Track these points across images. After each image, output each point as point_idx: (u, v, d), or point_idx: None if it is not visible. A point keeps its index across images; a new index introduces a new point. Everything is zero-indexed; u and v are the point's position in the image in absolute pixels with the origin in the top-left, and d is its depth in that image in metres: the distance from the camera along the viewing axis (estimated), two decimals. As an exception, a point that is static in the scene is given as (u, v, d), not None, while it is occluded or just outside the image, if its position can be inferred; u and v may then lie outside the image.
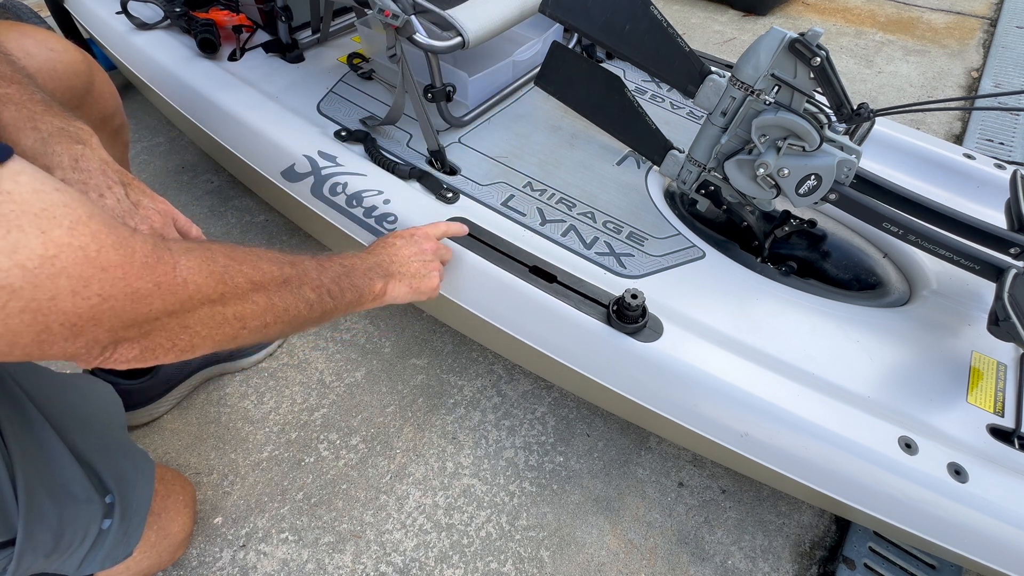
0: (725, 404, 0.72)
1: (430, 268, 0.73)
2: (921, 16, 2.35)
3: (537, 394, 1.08)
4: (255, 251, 0.52)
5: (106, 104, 0.79)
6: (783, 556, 0.90)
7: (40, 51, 0.69)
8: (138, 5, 1.25)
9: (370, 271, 0.67)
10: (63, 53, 0.71)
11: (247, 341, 0.51)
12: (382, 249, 0.72)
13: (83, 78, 0.74)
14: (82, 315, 0.38)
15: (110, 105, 0.81)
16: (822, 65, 0.70)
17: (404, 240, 0.73)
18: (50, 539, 0.57)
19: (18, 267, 0.34)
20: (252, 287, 0.50)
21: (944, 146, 1.11)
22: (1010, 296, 0.73)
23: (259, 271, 0.51)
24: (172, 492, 0.80)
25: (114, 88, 0.82)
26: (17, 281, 0.34)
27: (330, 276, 0.60)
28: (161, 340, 0.44)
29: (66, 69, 0.71)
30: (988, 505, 0.63)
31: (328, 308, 0.59)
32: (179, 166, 1.49)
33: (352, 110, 1.12)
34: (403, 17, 0.87)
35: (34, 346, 0.37)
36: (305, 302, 0.55)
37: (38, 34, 0.70)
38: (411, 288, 0.71)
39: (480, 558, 0.88)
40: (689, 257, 0.90)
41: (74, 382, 0.69)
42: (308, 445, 1.00)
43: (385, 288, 0.68)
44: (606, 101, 0.91)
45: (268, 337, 0.53)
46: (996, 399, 0.76)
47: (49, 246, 0.35)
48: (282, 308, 0.53)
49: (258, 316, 0.50)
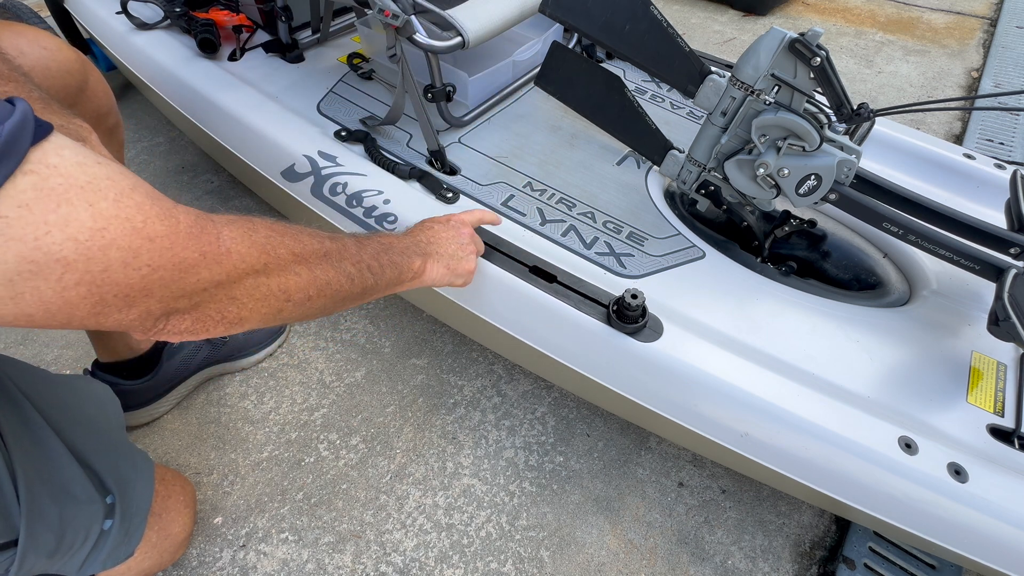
0: (725, 404, 0.72)
1: (467, 251, 0.73)
2: (921, 16, 2.35)
3: (537, 394, 1.08)
4: (295, 225, 0.53)
5: (100, 102, 0.79)
6: (783, 556, 0.90)
7: (33, 49, 0.68)
8: (138, 5, 1.25)
9: (408, 249, 0.66)
10: (56, 52, 0.71)
11: (292, 316, 0.51)
12: (420, 231, 0.72)
13: (77, 76, 0.73)
14: (134, 286, 0.38)
15: (104, 104, 0.81)
16: (822, 65, 0.70)
17: (441, 224, 0.74)
18: (52, 539, 0.57)
19: (71, 240, 0.34)
20: (294, 259, 0.50)
21: (944, 146, 1.11)
22: (1010, 296, 0.73)
23: (300, 243, 0.51)
24: (173, 492, 0.80)
25: (108, 87, 0.81)
26: (71, 254, 0.34)
27: (370, 252, 0.60)
28: (211, 311, 0.45)
29: (59, 67, 0.71)
30: (988, 505, 0.63)
31: (369, 284, 0.59)
32: (179, 166, 1.49)
33: (352, 110, 1.12)
34: (403, 17, 0.87)
35: (90, 317, 0.38)
36: (347, 276, 0.56)
37: (30, 32, 0.70)
38: (448, 269, 0.70)
39: (480, 558, 0.88)
40: (689, 257, 0.90)
41: (72, 384, 0.69)
42: (308, 445, 1.00)
43: (424, 267, 0.67)
44: (606, 101, 0.91)
45: (311, 313, 0.53)
46: (996, 399, 0.76)
47: (98, 218, 0.35)
48: (324, 281, 0.53)
49: (301, 288, 0.51)
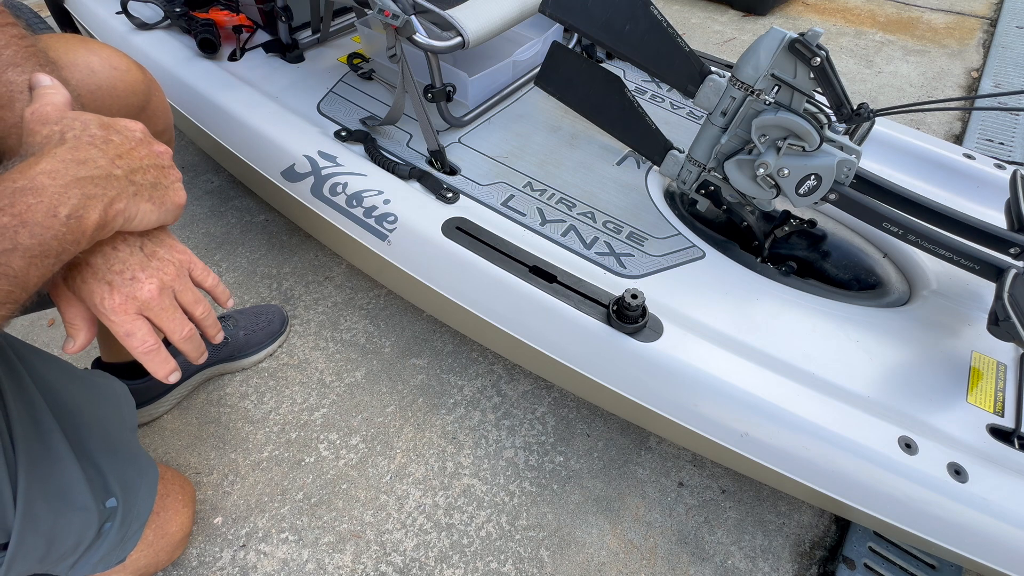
0: (725, 404, 0.72)
1: (171, 177, 0.50)
2: (921, 16, 2.35)
3: (537, 394, 1.08)
4: None
5: (158, 122, 0.79)
6: (783, 556, 0.90)
7: (104, 69, 0.68)
8: (138, 5, 1.25)
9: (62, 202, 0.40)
10: (126, 73, 0.71)
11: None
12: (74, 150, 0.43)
13: (141, 97, 0.73)
14: None
15: (161, 123, 0.80)
16: (822, 65, 0.70)
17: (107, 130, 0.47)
18: (42, 545, 0.57)
19: None
20: None
21: (944, 146, 1.11)
22: (1010, 296, 0.73)
23: None
24: (171, 492, 0.80)
25: (168, 106, 0.81)
26: None
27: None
28: None
29: (126, 88, 0.71)
30: (988, 505, 0.64)
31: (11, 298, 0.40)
32: (179, 166, 1.48)
33: (352, 110, 1.12)
34: (403, 17, 0.87)
35: None
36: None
37: (104, 51, 0.70)
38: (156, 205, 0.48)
39: (480, 558, 0.88)
40: (689, 257, 0.91)
41: (92, 380, 0.69)
42: (308, 445, 1.00)
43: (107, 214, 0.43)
44: (606, 101, 0.91)
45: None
46: (996, 399, 0.76)
47: None
48: None
49: None
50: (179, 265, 0.51)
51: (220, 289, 0.56)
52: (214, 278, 0.55)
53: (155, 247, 0.50)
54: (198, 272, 0.53)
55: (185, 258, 0.52)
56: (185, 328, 0.51)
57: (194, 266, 0.53)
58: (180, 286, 0.50)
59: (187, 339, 0.51)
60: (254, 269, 1.27)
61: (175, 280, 0.50)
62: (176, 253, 0.51)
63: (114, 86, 0.69)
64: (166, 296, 0.49)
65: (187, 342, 0.51)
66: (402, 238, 0.89)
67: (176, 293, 0.50)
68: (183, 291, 0.50)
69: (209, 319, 0.53)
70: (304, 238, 1.34)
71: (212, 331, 0.55)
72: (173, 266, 0.50)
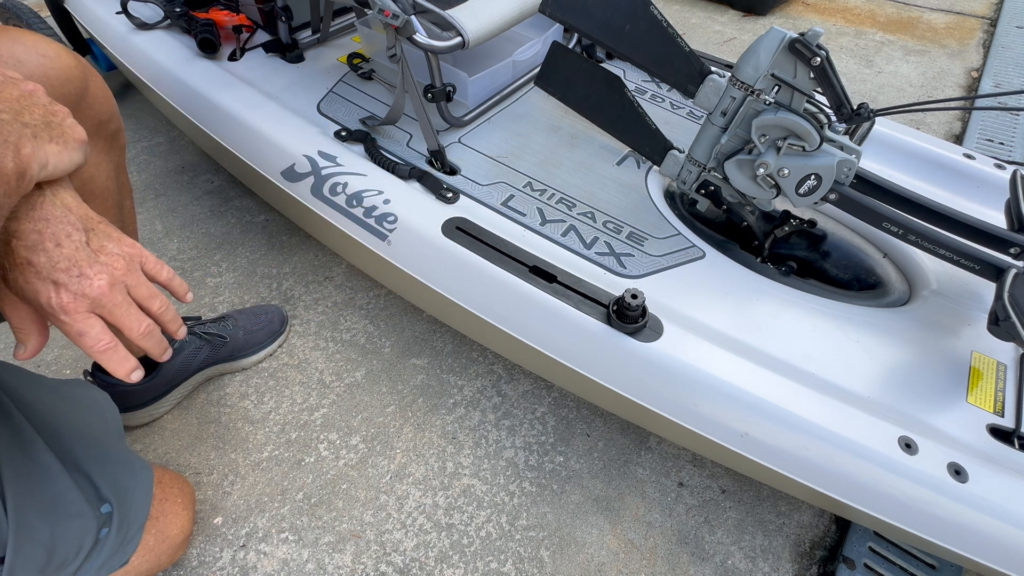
0: (725, 404, 0.72)
1: (59, 113, 0.48)
2: (921, 16, 2.35)
3: (537, 394, 1.08)
4: None
5: (101, 109, 0.74)
6: (783, 556, 0.90)
7: (31, 57, 0.64)
8: (138, 5, 1.25)
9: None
10: (55, 59, 0.66)
11: None
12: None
13: (77, 84, 0.69)
14: None
15: (105, 110, 0.76)
16: (822, 65, 0.70)
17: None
18: (43, 554, 0.57)
19: None
20: None
21: (944, 146, 1.11)
22: (1010, 296, 0.73)
23: None
24: (170, 495, 0.80)
25: (109, 92, 0.77)
26: None
27: None
28: None
29: (59, 75, 0.66)
30: (988, 505, 0.64)
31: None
32: (179, 166, 1.49)
33: (352, 110, 1.12)
34: (403, 17, 0.87)
35: None
36: None
37: (28, 39, 0.65)
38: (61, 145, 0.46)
39: (480, 558, 0.88)
40: (689, 257, 0.91)
41: (70, 391, 0.68)
42: (308, 445, 1.00)
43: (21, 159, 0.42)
44: (606, 101, 0.91)
45: None
46: (996, 399, 0.76)
47: None
48: None
49: None
50: (129, 259, 0.49)
51: (176, 283, 0.54)
52: (169, 271, 0.53)
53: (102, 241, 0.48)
54: (151, 266, 0.51)
55: (135, 251, 0.50)
56: (143, 324, 0.48)
57: (146, 260, 0.51)
58: (132, 280, 0.48)
59: (146, 335, 0.49)
60: (254, 269, 1.27)
61: (126, 275, 0.48)
62: (125, 247, 0.49)
63: (45, 74, 0.64)
64: (118, 291, 0.47)
65: (146, 338, 0.49)
66: (402, 238, 0.89)
67: (129, 288, 0.48)
68: (136, 286, 0.48)
69: (168, 313, 0.51)
70: (304, 238, 1.34)
71: (173, 326, 0.52)
72: (123, 260, 0.48)
